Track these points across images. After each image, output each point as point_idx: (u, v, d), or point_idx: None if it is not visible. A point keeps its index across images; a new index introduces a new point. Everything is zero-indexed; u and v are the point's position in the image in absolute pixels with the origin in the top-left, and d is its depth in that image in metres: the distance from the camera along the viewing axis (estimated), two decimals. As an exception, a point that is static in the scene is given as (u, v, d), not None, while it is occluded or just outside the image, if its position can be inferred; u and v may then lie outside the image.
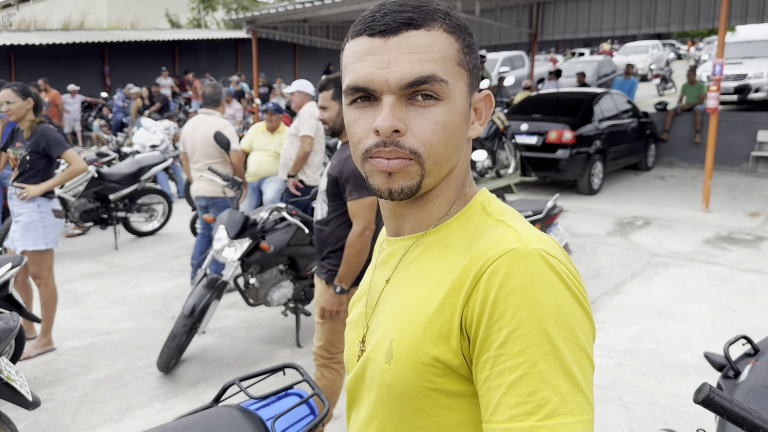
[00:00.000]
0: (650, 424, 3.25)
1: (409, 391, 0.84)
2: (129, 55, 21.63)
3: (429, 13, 0.84)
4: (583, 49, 29.30)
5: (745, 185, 9.68)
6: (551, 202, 4.92)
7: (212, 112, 5.20)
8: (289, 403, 1.72)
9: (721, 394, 0.98)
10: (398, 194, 0.85)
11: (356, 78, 0.84)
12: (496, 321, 0.75)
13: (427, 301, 0.84)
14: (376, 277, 0.99)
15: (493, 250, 0.80)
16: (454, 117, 0.84)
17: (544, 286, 0.76)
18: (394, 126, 0.81)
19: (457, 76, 0.85)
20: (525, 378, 0.72)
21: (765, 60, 14.01)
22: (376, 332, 0.92)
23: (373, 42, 0.83)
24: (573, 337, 0.75)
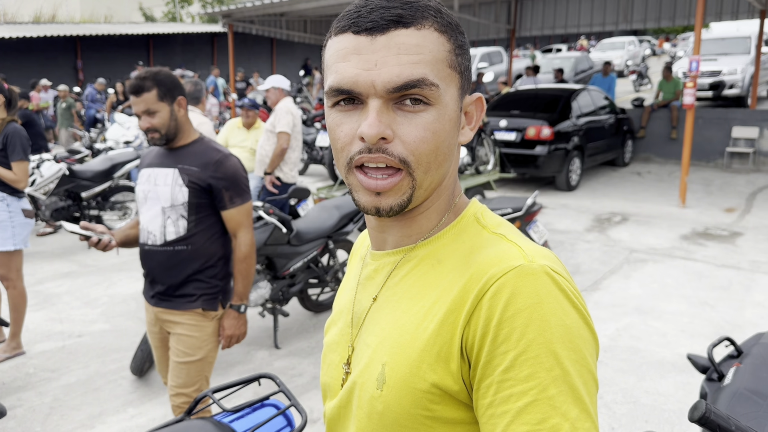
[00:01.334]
0: (631, 423, 3.25)
1: (403, 419, 0.77)
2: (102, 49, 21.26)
3: (420, 10, 0.76)
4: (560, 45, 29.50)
5: (720, 181, 9.80)
6: (531, 199, 4.90)
7: (192, 110, 5.09)
8: (264, 414, 1.66)
9: (718, 411, 0.94)
10: (387, 212, 0.79)
11: (340, 79, 0.76)
12: (501, 343, 0.70)
13: (424, 322, 0.78)
14: (360, 295, 0.91)
15: (497, 267, 0.74)
16: (445, 123, 0.77)
17: (551, 305, 0.71)
18: (380, 133, 0.74)
19: (448, 79, 0.78)
20: (534, 404, 0.67)
21: (739, 57, 14.22)
22: (364, 354, 0.85)
23: (359, 40, 0.75)
24: (581, 359, 0.70)
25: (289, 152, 5.37)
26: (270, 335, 4.42)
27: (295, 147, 5.43)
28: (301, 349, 4.21)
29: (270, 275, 4.21)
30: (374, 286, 0.89)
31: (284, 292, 4.28)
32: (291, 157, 5.42)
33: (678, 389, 3.56)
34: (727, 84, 13.81)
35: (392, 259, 0.87)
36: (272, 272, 4.23)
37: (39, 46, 19.29)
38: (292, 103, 5.43)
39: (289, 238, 4.17)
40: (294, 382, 3.73)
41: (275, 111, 5.36)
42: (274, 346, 4.23)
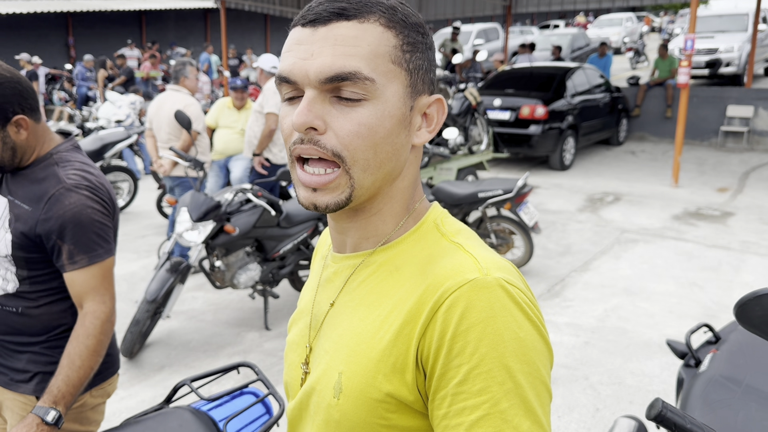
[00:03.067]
0: (616, 403, 3.29)
1: (360, 428, 0.79)
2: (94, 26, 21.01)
3: (367, 5, 0.76)
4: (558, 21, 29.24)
5: (714, 160, 9.80)
6: (521, 180, 4.90)
7: (180, 89, 5.05)
8: (243, 403, 1.67)
9: (674, 409, 0.95)
10: (324, 209, 0.78)
11: (281, 68, 0.78)
12: (455, 357, 0.71)
13: (380, 332, 0.78)
14: (320, 296, 0.92)
15: (452, 280, 0.74)
16: (383, 119, 0.76)
17: (505, 319, 0.71)
18: (308, 122, 0.74)
19: (390, 74, 0.76)
20: (486, 418, 0.68)
21: (736, 34, 14.10)
22: (321, 359, 0.86)
23: (303, 32, 0.77)
24: (535, 371, 0.71)
25: (277, 133, 5.34)
26: (260, 317, 4.44)
27: (284, 128, 5.39)
28: (291, 330, 4.23)
29: (260, 257, 4.22)
30: (333, 289, 0.89)
31: (274, 274, 4.29)
32: (280, 138, 5.39)
33: (663, 370, 3.60)
34: (723, 62, 13.73)
35: (351, 263, 0.87)
36: (262, 254, 4.24)
37: (30, 23, 19.05)
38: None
39: (278, 220, 4.17)
40: (283, 364, 3.76)
41: (263, 91, 5.32)
42: (264, 328, 4.25)
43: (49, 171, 1.63)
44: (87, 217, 1.60)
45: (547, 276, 5.12)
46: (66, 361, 1.57)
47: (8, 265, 1.64)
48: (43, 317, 1.68)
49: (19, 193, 1.63)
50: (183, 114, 4.24)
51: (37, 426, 1.49)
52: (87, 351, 1.58)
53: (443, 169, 6.57)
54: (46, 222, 1.58)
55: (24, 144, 1.62)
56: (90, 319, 1.61)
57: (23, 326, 1.67)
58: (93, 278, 1.63)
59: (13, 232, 1.61)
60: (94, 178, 1.67)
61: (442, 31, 19.29)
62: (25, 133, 1.61)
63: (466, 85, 7.55)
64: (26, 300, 1.66)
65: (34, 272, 1.65)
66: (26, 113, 1.60)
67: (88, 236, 1.60)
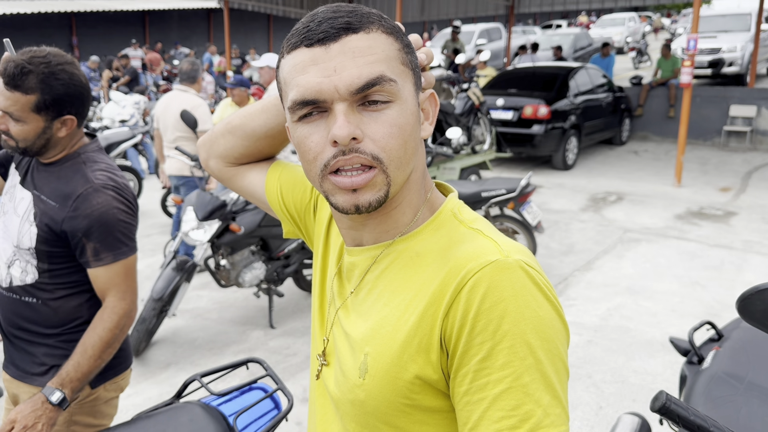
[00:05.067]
0: (619, 402, 3.31)
1: (384, 407, 0.82)
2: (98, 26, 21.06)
3: (365, 16, 0.80)
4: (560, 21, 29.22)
5: (717, 160, 9.80)
6: (524, 180, 4.92)
7: (187, 89, 5.08)
8: (252, 398, 1.70)
9: (677, 402, 0.98)
10: (366, 209, 0.81)
11: (303, 91, 0.78)
12: (478, 334, 0.74)
13: (405, 315, 0.82)
14: (337, 288, 0.95)
15: (474, 262, 0.78)
16: (408, 117, 0.81)
17: (526, 298, 0.75)
18: (352, 133, 0.77)
19: (403, 75, 0.81)
20: (509, 391, 0.72)
21: (738, 34, 14.10)
22: (343, 346, 0.89)
23: (314, 52, 0.78)
24: (554, 349, 0.75)
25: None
26: (265, 315, 4.46)
27: (289, 127, 5.42)
28: (296, 328, 4.26)
29: (265, 256, 4.25)
30: (354, 279, 0.92)
31: (279, 273, 4.32)
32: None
33: (666, 369, 3.62)
34: (726, 61, 13.73)
35: (371, 254, 0.90)
36: (267, 253, 4.27)
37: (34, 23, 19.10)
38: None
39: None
40: (288, 362, 3.79)
41: (268, 90, 5.35)
42: (269, 326, 4.28)
43: (77, 170, 1.69)
44: (113, 216, 1.66)
45: (550, 275, 5.13)
46: (79, 348, 1.62)
47: (29, 258, 1.68)
48: (59, 310, 1.72)
49: (45, 189, 1.68)
50: (189, 114, 4.27)
51: (42, 404, 1.55)
52: (100, 342, 1.63)
53: (446, 168, 6.59)
54: (73, 220, 1.63)
55: (58, 141, 1.70)
56: (108, 313, 1.66)
57: (40, 318, 1.72)
58: (116, 275, 1.68)
59: (38, 226, 1.66)
60: (119, 179, 1.73)
61: (444, 31, 19.29)
62: (66, 132, 1.69)
63: (469, 84, 7.56)
64: (44, 292, 1.70)
65: (54, 266, 1.69)
66: (76, 117, 1.69)
67: (113, 235, 1.66)
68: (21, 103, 1.59)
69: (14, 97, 1.58)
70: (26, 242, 1.67)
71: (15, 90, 1.58)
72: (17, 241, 1.69)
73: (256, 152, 1.12)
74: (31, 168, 1.75)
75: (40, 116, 1.62)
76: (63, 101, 1.63)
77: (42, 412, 1.55)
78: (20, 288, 1.71)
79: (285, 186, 1.10)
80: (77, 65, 1.69)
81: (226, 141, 1.12)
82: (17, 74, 1.57)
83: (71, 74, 1.64)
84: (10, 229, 1.71)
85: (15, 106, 1.59)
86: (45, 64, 1.59)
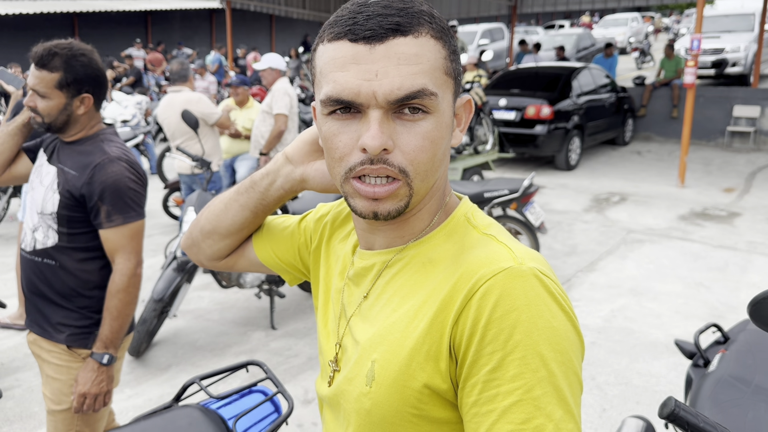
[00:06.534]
0: (622, 404, 3.28)
1: (391, 416, 0.79)
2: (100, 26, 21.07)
3: (416, 17, 0.76)
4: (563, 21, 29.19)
5: (720, 160, 9.77)
6: (527, 180, 4.89)
7: (181, 89, 5.08)
8: (252, 401, 1.68)
9: (686, 408, 0.95)
10: (385, 217, 0.79)
11: (340, 90, 0.75)
12: (488, 344, 0.71)
13: (414, 321, 0.79)
14: (348, 291, 0.93)
15: (487, 268, 0.75)
16: (442, 130, 0.78)
17: (539, 308, 0.72)
18: (383, 145, 0.74)
19: (444, 86, 0.78)
20: (519, 404, 0.68)
21: (742, 34, 14.05)
22: (353, 352, 0.87)
23: (357, 49, 0.74)
24: (567, 361, 0.71)
25: (285, 134, 5.35)
26: (266, 316, 4.45)
27: (291, 128, 5.41)
28: (297, 330, 4.24)
29: (266, 257, 4.22)
30: (365, 283, 0.90)
31: (280, 274, 4.29)
32: (287, 138, 5.40)
33: (670, 371, 3.59)
34: (729, 62, 13.68)
35: (383, 258, 0.88)
36: (268, 254, 4.24)
37: (36, 23, 19.12)
38: (288, 83, 5.40)
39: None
40: (290, 363, 3.77)
41: (272, 92, 5.33)
42: (270, 327, 4.26)
43: (96, 145, 1.96)
44: (124, 184, 1.91)
45: (553, 276, 5.10)
46: (107, 313, 1.91)
47: (51, 222, 1.93)
48: (76, 272, 1.95)
49: (68, 162, 1.94)
50: (190, 114, 4.26)
51: (98, 368, 1.89)
52: (120, 303, 1.91)
53: (449, 169, 6.56)
54: (90, 185, 1.88)
55: (77, 119, 1.96)
56: (118, 276, 1.92)
57: (58, 281, 1.96)
58: (123, 237, 1.92)
59: (61, 192, 1.91)
60: (131, 156, 2.00)
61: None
62: (84, 110, 1.95)
63: (471, 85, 7.54)
64: (62, 255, 1.94)
65: (73, 230, 1.93)
66: (93, 96, 1.95)
67: (123, 200, 1.90)
68: (46, 81, 1.86)
69: (41, 75, 1.86)
70: (49, 208, 1.92)
71: (42, 69, 1.86)
72: (41, 208, 1.93)
73: (241, 240, 1.11)
74: (57, 148, 2.00)
75: (62, 93, 1.89)
76: (82, 80, 1.90)
77: (100, 375, 1.89)
78: (42, 251, 1.95)
79: (275, 247, 1.09)
80: (96, 53, 1.96)
81: (208, 245, 1.12)
82: (45, 55, 1.85)
83: (90, 59, 1.92)
84: (36, 199, 1.96)
85: (41, 83, 1.86)
86: (68, 49, 1.88)
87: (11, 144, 2.06)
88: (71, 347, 1.97)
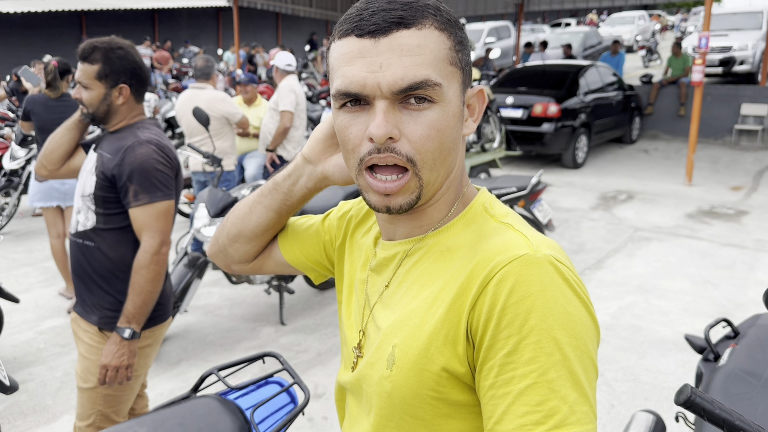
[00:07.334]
0: (631, 400, 3.29)
1: (411, 398, 0.82)
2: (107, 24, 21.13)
3: (419, 10, 0.79)
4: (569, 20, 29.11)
5: (728, 158, 9.74)
6: (535, 178, 4.91)
7: (204, 86, 5.11)
8: (269, 392, 1.70)
9: (702, 395, 0.97)
10: (397, 211, 0.83)
11: (347, 83, 0.79)
12: (504, 328, 0.73)
13: (433, 307, 0.82)
14: (372, 281, 0.95)
15: (503, 255, 0.77)
16: (449, 119, 0.81)
17: (554, 293, 0.74)
18: (388, 133, 0.77)
19: (450, 76, 0.80)
20: (534, 387, 0.70)
21: (750, 32, 14.00)
22: (375, 338, 0.89)
23: (363, 43, 0.78)
24: (582, 346, 0.73)
25: (292, 131, 5.38)
26: (276, 312, 4.48)
27: (298, 125, 5.43)
28: (306, 325, 4.27)
29: (275, 253, 4.25)
30: (386, 273, 0.92)
31: (289, 270, 4.32)
32: (294, 136, 5.43)
33: (678, 367, 3.61)
34: (737, 60, 13.63)
35: (403, 248, 0.90)
36: (278, 250, 4.27)
37: (43, 21, 19.20)
38: (295, 81, 5.42)
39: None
40: (299, 358, 3.80)
41: (278, 89, 5.36)
42: (279, 323, 4.29)
43: (132, 132, 2.06)
44: (151, 165, 1.99)
45: (561, 273, 5.11)
46: (130, 289, 1.98)
47: (89, 204, 2.04)
48: (111, 254, 2.05)
49: (107, 148, 2.06)
50: (201, 111, 4.29)
51: (119, 342, 1.96)
52: (143, 279, 1.97)
53: (456, 166, 6.58)
54: (120, 166, 1.98)
55: (117, 109, 2.08)
56: (142, 254, 1.99)
57: (96, 262, 2.06)
58: (149, 216, 1.99)
59: (97, 174, 2.03)
60: (164, 142, 2.08)
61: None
62: (122, 100, 2.06)
63: (478, 82, 7.55)
64: (100, 237, 2.05)
65: (108, 211, 2.03)
66: (131, 87, 2.07)
67: (150, 180, 1.98)
68: (88, 72, 2.02)
69: (84, 67, 2.02)
70: (87, 189, 2.04)
71: (85, 62, 2.01)
72: (82, 191, 2.06)
73: (266, 242, 1.14)
74: (102, 139, 2.14)
75: (101, 83, 2.03)
76: (119, 72, 2.03)
77: (121, 349, 1.95)
78: (83, 233, 2.07)
79: (301, 246, 1.12)
80: (134, 48, 2.10)
81: (235, 249, 1.14)
82: (87, 49, 2.01)
83: (126, 52, 2.06)
84: (80, 184, 2.10)
85: (84, 75, 2.02)
86: (107, 43, 2.04)
87: (68, 138, 2.21)
88: (102, 329, 2.07)
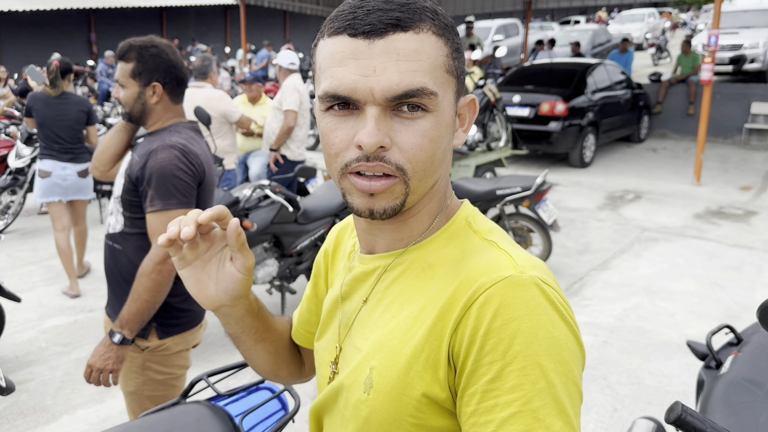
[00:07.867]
0: (634, 404, 3.25)
1: (388, 425, 0.78)
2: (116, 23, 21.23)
3: (417, 12, 0.74)
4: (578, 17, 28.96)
5: (737, 158, 9.64)
6: (540, 178, 4.86)
7: (203, 85, 5.10)
8: (259, 398, 1.68)
9: (694, 413, 0.94)
10: (380, 215, 0.77)
11: (337, 85, 0.73)
12: (487, 353, 0.70)
13: (413, 328, 0.78)
14: (349, 296, 0.92)
15: (487, 276, 0.73)
16: (442, 129, 0.76)
17: (539, 317, 0.70)
18: (379, 142, 0.72)
19: (446, 85, 0.76)
20: (518, 416, 0.67)
21: (761, 30, 13.84)
22: (353, 357, 0.85)
23: (356, 44, 0.72)
24: (567, 372, 0.70)
25: (295, 130, 5.36)
26: (277, 312, 4.46)
27: (302, 124, 5.41)
28: (308, 326, 4.25)
29: (277, 253, 4.24)
30: (364, 288, 0.88)
31: (291, 270, 4.31)
32: (298, 135, 5.41)
33: (683, 371, 3.56)
34: (748, 58, 13.48)
35: (382, 262, 0.86)
36: (280, 250, 4.26)
37: (52, 20, 19.29)
38: (299, 80, 5.40)
39: (296, 216, 4.18)
40: (300, 360, 3.78)
41: (282, 88, 5.34)
42: (281, 323, 4.27)
43: (162, 135, 2.01)
44: (170, 171, 1.90)
45: (566, 274, 5.07)
46: (129, 294, 1.92)
47: (119, 206, 2.03)
48: (134, 259, 2.00)
49: (138, 150, 2.02)
50: (203, 110, 4.27)
51: (108, 345, 1.90)
52: (141, 287, 1.88)
53: (461, 166, 6.54)
54: (143, 169, 1.93)
55: (151, 108, 2.04)
56: (147, 261, 1.90)
57: (122, 266, 2.04)
58: (161, 223, 1.88)
59: (125, 177, 2.01)
60: (192, 147, 1.99)
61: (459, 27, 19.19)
62: (156, 99, 2.02)
63: (485, 81, 7.50)
64: (126, 241, 2.02)
65: (134, 215, 2.00)
66: (164, 86, 2.03)
67: (166, 186, 1.89)
68: (124, 71, 2.00)
69: (120, 66, 2.01)
70: (117, 192, 2.03)
71: (121, 60, 2.00)
72: (115, 193, 2.05)
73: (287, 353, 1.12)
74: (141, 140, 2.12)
75: (135, 81, 2.00)
76: (152, 70, 2.00)
77: (108, 352, 1.88)
78: (113, 235, 2.07)
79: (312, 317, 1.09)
80: (171, 47, 2.06)
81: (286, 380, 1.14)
82: (124, 48, 2.00)
83: (161, 51, 2.02)
84: (115, 186, 2.07)
85: (120, 73, 2.01)
86: (143, 42, 2.02)
87: (117, 139, 2.18)
88: None
